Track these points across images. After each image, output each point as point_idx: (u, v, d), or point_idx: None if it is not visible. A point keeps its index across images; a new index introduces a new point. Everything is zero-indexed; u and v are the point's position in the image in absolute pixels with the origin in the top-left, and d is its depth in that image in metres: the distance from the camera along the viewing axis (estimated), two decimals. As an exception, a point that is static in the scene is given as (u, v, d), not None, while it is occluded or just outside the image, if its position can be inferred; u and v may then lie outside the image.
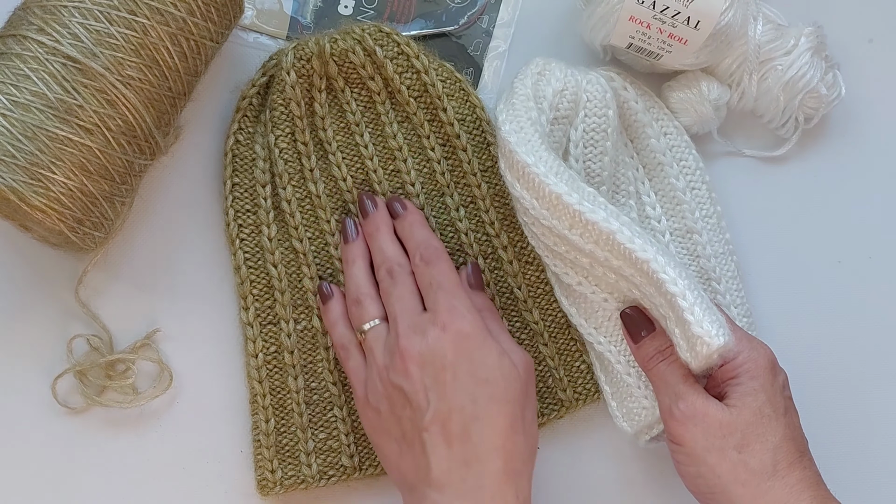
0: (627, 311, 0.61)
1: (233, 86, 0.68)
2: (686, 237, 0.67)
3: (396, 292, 0.62)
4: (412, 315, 0.61)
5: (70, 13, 0.57)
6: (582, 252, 0.59)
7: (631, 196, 0.66)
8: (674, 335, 0.57)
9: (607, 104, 0.64)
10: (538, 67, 0.64)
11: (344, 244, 0.66)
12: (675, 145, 0.67)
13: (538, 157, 0.59)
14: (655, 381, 0.60)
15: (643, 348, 0.61)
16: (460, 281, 0.63)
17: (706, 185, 0.67)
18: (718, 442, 0.56)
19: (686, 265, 0.66)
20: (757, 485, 0.56)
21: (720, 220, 0.67)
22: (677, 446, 0.58)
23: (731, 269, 0.67)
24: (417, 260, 0.63)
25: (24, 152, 0.55)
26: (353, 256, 0.65)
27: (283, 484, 0.65)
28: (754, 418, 0.57)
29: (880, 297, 0.69)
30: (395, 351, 0.60)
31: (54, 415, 0.66)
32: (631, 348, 0.62)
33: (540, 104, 0.63)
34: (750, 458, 0.56)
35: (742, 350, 0.58)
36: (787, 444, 0.57)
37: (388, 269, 0.63)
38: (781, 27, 0.67)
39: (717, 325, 0.55)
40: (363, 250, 0.65)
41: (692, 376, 0.59)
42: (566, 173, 0.59)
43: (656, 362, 0.60)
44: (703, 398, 0.58)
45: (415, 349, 0.59)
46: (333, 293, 0.66)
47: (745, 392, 0.57)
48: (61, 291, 0.66)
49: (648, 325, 0.61)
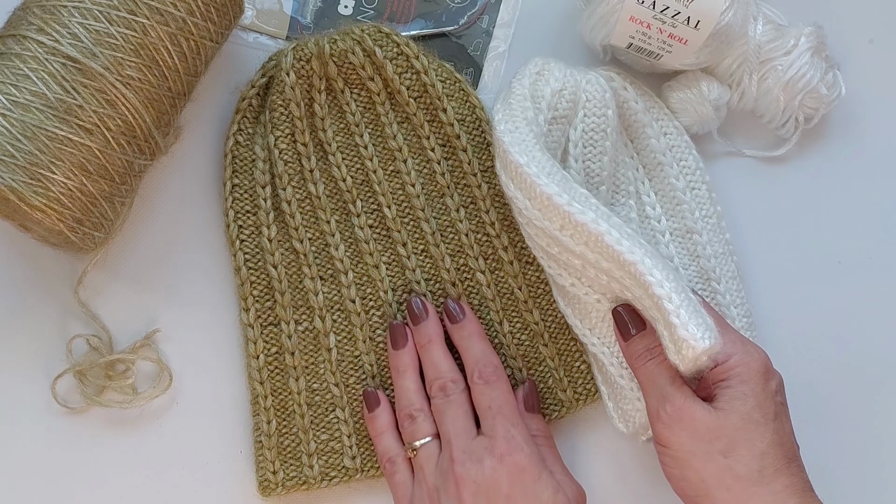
0: (619, 309, 0.61)
1: (232, 86, 0.68)
2: (686, 237, 0.67)
3: (451, 412, 0.62)
4: (467, 439, 0.60)
5: (70, 13, 0.57)
6: (573, 253, 0.59)
7: (631, 196, 0.66)
8: (663, 337, 0.57)
9: (606, 104, 0.64)
10: (537, 67, 0.64)
11: (393, 350, 0.65)
12: (675, 145, 0.67)
13: (531, 157, 0.59)
14: (643, 380, 0.59)
15: (632, 346, 0.60)
16: (517, 405, 0.62)
17: (706, 185, 0.67)
18: (704, 446, 0.56)
19: (676, 268, 0.66)
20: (742, 490, 0.55)
21: (720, 221, 0.67)
22: (664, 448, 0.58)
23: (731, 270, 0.67)
24: (476, 378, 0.62)
25: (23, 152, 0.55)
26: (403, 366, 0.64)
27: (285, 485, 0.65)
28: (742, 423, 0.56)
29: (880, 297, 0.69)
30: (449, 475, 0.59)
31: (54, 415, 0.66)
32: (621, 346, 0.61)
33: (538, 104, 0.62)
34: (736, 463, 0.55)
35: (734, 353, 0.57)
36: (775, 451, 0.56)
37: (441, 385, 0.63)
38: (781, 27, 0.67)
39: (704, 328, 0.54)
40: (414, 359, 0.64)
41: (680, 378, 0.58)
42: (559, 174, 0.59)
43: (644, 360, 0.59)
44: (691, 400, 0.57)
45: (470, 477, 0.59)
46: (381, 401, 0.65)
47: (735, 396, 0.56)
48: (61, 291, 0.66)
49: (639, 324, 0.60)
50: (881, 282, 0.70)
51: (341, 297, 0.67)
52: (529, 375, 0.67)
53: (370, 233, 0.67)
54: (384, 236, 0.67)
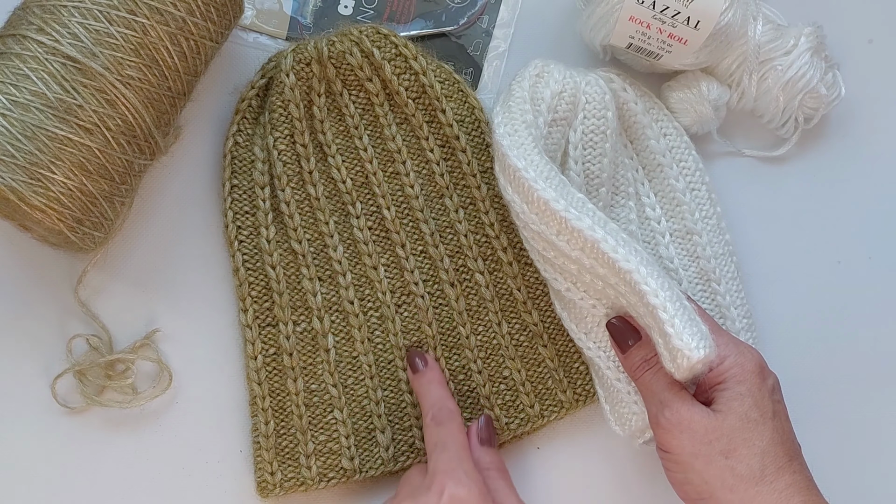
0: (613, 322, 0.61)
1: (232, 87, 0.68)
2: (686, 238, 0.67)
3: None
4: (412, 484, 0.60)
5: (69, 13, 0.57)
6: (569, 258, 0.59)
7: (631, 197, 0.66)
8: (658, 345, 0.57)
9: (606, 106, 0.64)
10: (536, 69, 0.64)
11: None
12: (674, 146, 0.67)
13: (529, 161, 0.59)
14: (643, 389, 0.60)
15: (630, 358, 0.61)
16: (467, 442, 0.62)
17: (706, 185, 0.67)
18: (705, 448, 0.56)
19: (670, 275, 0.65)
20: (745, 490, 0.56)
21: (720, 221, 0.67)
22: (666, 453, 0.58)
23: (731, 270, 0.67)
24: (429, 420, 0.63)
25: (23, 152, 0.56)
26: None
27: (283, 486, 0.65)
28: (740, 423, 0.56)
29: (880, 298, 0.69)
30: None
31: (54, 415, 0.66)
32: (619, 358, 0.62)
33: (537, 106, 0.62)
34: (737, 463, 0.56)
35: (728, 355, 0.58)
36: (776, 449, 0.56)
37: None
38: (781, 27, 0.67)
39: (699, 338, 0.54)
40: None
41: (678, 384, 0.58)
42: (556, 178, 0.59)
43: (642, 371, 0.60)
44: (689, 405, 0.57)
45: None
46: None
47: (731, 397, 0.57)
48: (61, 291, 0.66)
49: (634, 335, 0.60)
50: (881, 282, 0.69)
51: (339, 297, 0.67)
52: (528, 377, 0.67)
53: (369, 234, 0.67)
54: (383, 237, 0.67)
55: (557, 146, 0.64)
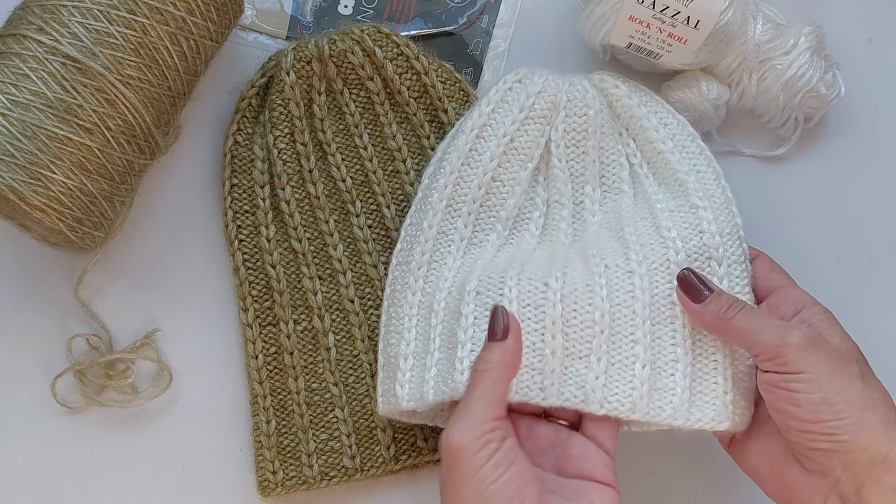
0: (685, 272, 0.59)
1: (232, 86, 0.68)
2: (690, 212, 0.64)
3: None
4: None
5: (69, 12, 0.57)
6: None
7: (622, 192, 0.65)
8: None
9: (588, 104, 0.64)
10: (518, 76, 0.65)
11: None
12: (676, 134, 0.66)
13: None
14: (736, 331, 0.57)
15: (710, 305, 0.58)
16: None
17: (712, 169, 0.65)
18: (843, 367, 0.54)
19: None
20: (884, 412, 0.53)
21: (730, 205, 0.64)
22: (798, 374, 0.54)
23: (736, 253, 0.64)
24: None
25: (23, 151, 0.56)
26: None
27: (285, 485, 0.65)
28: (861, 356, 0.56)
29: (880, 297, 0.69)
30: None
31: (54, 414, 0.66)
32: (693, 311, 0.59)
33: (510, 108, 0.64)
34: (871, 390, 0.54)
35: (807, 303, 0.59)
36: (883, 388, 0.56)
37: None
38: (781, 26, 0.67)
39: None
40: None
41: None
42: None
43: (735, 311, 0.57)
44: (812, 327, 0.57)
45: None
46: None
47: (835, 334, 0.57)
48: (61, 291, 0.66)
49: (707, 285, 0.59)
50: (881, 282, 0.70)
51: (340, 296, 0.67)
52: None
53: (369, 233, 0.67)
54: (383, 236, 0.67)
55: (534, 143, 0.64)
